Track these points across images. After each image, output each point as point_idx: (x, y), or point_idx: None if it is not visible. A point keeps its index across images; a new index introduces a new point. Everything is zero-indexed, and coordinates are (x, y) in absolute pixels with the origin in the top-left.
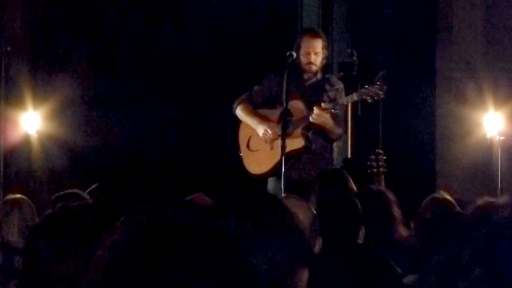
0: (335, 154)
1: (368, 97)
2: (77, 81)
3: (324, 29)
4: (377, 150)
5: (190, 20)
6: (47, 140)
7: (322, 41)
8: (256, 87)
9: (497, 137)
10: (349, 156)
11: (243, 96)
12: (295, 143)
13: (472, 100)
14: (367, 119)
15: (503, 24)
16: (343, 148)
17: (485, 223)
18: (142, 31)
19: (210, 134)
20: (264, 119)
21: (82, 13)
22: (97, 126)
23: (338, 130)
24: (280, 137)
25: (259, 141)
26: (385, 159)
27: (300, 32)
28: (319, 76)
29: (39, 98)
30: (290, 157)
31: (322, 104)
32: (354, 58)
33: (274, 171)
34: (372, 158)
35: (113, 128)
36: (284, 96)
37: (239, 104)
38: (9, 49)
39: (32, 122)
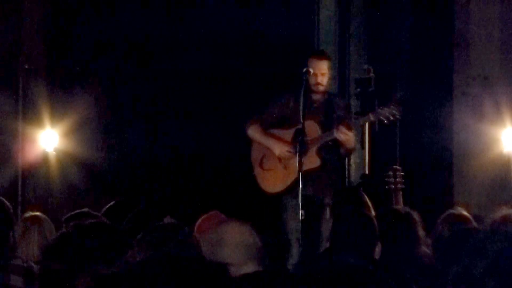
0: (352, 171)
1: (384, 118)
2: (94, 98)
3: (341, 46)
4: (394, 166)
5: (206, 38)
6: (64, 158)
7: (328, 62)
8: (267, 108)
9: None
10: (366, 172)
11: (255, 117)
12: (311, 162)
13: (490, 116)
14: (385, 135)
15: None
16: (360, 165)
17: (499, 237)
18: (158, 49)
19: (226, 151)
20: (278, 139)
21: (99, 31)
22: (115, 143)
23: (354, 147)
24: (296, 156)
25: (272, 161)
26: (402, 175)
27: (309, 54)
28: (325, 96)
29: (56, 115)
30: (305, 175)
31: (349, 122)
32: (371, 74)
33: (289, 190)
34: (390, 174)
35: (130, 145)
36: (301, 111)
37: (251, 124)
38: (26, 67)
39: (50, 139)
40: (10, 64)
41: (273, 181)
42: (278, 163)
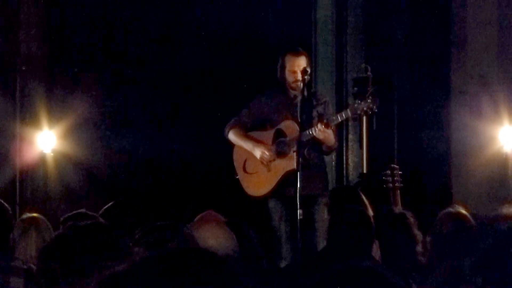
0: (350, 170)
1: (361, 112)
2: (92, 99)
3: (338, 45)
4: (392, 165)
5: (204, 39)
6: (62, 159)
7: (306, 58)
8: (244, 110)
9: None
10: (364, 171)
11: (233, 120)
12: (293, 162)
13: (487, 114)
14: (382, 134)
15: None
16: (358, 164)
17: (488, 234)
18: (157, 50)
19: (223, 151)
20: (258, 141)
21: (97, 32)
22: (112, 145)
23: (336, 144)
24: (277, 158)
25: (255, 164)
26: (400, 174)
27: (282, 52)
28: (305, 93)
29: (54, 117)
30: (288, 176)
31: (327, 119)
32: (368, 73)
33: (274, 192)
34: (388, 173)
35: (128, 146)
36: (299, 111)
37: (230, 128)
38: (24, 68)
39: (47, 141)
40: (7, 65)
41: (257, 184)
42: (261, 165)
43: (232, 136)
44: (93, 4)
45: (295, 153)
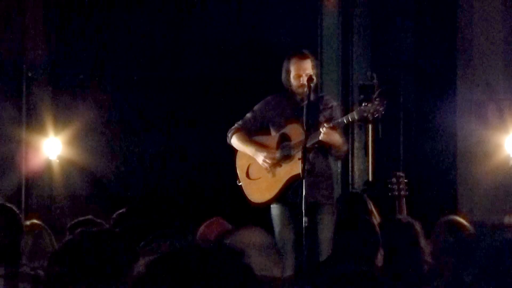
0: (356, 178)
1: (368, 115)
2: (98, 106)
3: (344, 52)
4: (398, 173)
5: (210, 45)
6: (68, 165)
7: (311, 61)
8: (249, 114)
9: None
10: (370, 179)
11: (237, 124)
12: (297, 167)
13: (493, 122)
14: (388, 142)
15: None
16: (364, 171)
17: (489, 243)
18: (162, 56)
19: (229, 158)
20: (261, 146)
21: (103, 39)
22: (118, 151)
23: (346, 147)
24: (280, 163)
25: (259, 169)
26: (406, 182)
27: (288, 55)
28: (312, 97)
29: (60, 123)
30: (293, 181)
31: (332, 122)
32: (374, 81)
33: (278, 198)
34: (393, 181)
35: (134, 153)
36: (304, 117)
37: (234, 133)
38: (30, 75)
39: (53, 147)
40: (13, 72)
41: (261, 190)
42: (265, 171)
43: (235, 141)
44: (98, 12)
45: (300, 159)
